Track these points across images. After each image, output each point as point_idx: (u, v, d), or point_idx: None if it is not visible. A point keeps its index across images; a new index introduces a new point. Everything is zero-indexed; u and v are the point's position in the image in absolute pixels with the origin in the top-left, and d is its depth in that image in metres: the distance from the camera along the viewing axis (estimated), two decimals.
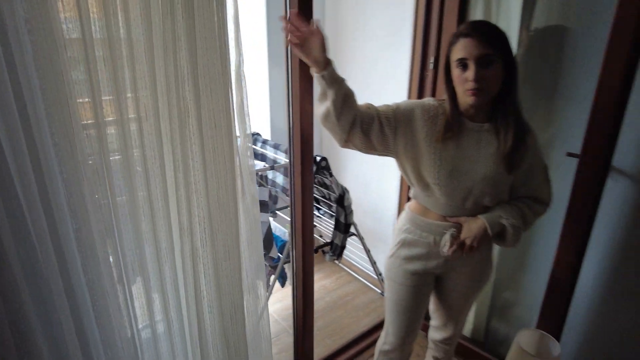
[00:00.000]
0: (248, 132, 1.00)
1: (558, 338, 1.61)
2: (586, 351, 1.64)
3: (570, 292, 1.56)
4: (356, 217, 2.25)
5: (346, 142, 1.21)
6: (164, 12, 0.79)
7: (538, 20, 1.57)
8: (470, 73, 1.10)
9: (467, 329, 1.96)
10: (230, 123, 0.91)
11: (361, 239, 2.24)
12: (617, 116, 1.30)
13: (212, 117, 0.88)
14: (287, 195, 2.07)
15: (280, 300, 2.36)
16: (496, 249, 1.84)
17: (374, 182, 2.45)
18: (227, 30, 0.89)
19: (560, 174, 1.59)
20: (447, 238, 1.25)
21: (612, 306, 1.54)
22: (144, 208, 0.88)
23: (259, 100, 2.41)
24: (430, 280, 1.41)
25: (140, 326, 0.94)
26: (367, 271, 2.62)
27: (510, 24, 1.56)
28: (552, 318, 1.58)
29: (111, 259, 0.87)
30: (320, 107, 1.17)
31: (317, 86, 1.16)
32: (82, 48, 0.74)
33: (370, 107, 1.22)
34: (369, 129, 1.19)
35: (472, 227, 1.22)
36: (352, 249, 2.67)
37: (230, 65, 0.90)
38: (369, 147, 1.22)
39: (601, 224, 1.49)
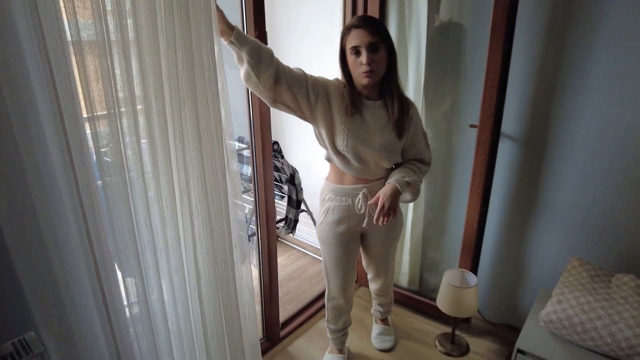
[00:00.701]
0: (228, 114, 1.22)
1: (475, 273, 2.02)
2: (495, 278, 2.06)
3: (481, 234, 1.96)
4: (304, 195, 2.52)
5: (275, 102, 1.38)
6: (166, 15, 1.00)
7: (442, 16, 1.96)
8: (363, 58, 1.35)
9: (405, 280, 2.33)
10: (217, 105, 1.13)
11: (310, 213, 2.51)
12: (501, 93, 1.71)
13: (205, 99, 1.09)
14: (249, 182, 2.27)
15: None
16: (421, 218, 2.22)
17: (317, 163, 2.72)
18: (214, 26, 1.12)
19: (466, 143, 1.99)
20: (360, 198, 1.55)
21: (510, 243, 1.97)
22: (152, 173, 1.08)
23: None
24: (356, 238, 1.68)
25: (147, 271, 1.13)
26: (315, 246, 2.90)
27: (420, 20, 1.91)
28: (469, 258, 1.98)
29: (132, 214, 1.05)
30: (242, 71, 1.29)
31: (233, 53, 1.27)
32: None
33: (299, 70, 1.41)
34: (298, 89, 1.38)
35: (386, 191, 1.46)
36: (301, 227, 2.93)
37: (215, 57, 1.12)
38: (297, 107, 1.42)
39: (498, 180, 1.91)
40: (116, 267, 1.08)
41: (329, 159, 1.58)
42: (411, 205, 2.18)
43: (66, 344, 1.04)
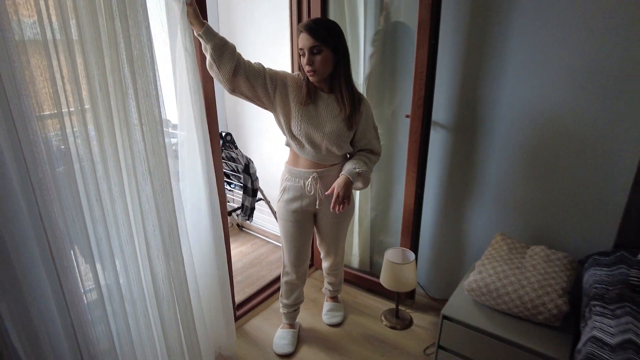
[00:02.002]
0: (161, 99, 1.35)
1: (416, 250, 2.20)
2: (436, 257, 2.25)
3: (418, 215, 2.14)
4: (262, 186, 2.65)
5: (234, 92, 1.57)
6: (107, 16, 1.12)
7: (377, 18, 2.12)
8: (305, 59, 1.54)
9: (356, 262, 2.50)
10: (157, 93, 1.26)
11: (268, 202, 2.65)
12: (429, 85, 1.88)
13: (144, 89, 1.22)
14: None
15: None
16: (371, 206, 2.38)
17: (275, 156, 2.87)
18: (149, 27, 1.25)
19: (403, 133, 2.16)
20: (310, 181, 1.72)
21: (447, 223, 2.16)
22: (101, 156, 1.20)
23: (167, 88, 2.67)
24: (309, 217, 1.85)
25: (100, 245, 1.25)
26: (277, 234, 3.04)
27: (359, 20, 2.07)
28: (408, 237, 2.15)
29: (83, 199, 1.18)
30: (207, 60, 1.50)
31: (202, 44, 1.48)
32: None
33: (259, 64, 1.60)
34: (256, 81, 1.56)
35: (340, 182, 1.64)
36: (263, 216, 3.07)
37: (153, 53, 1.25)
38: (255, 97, 1.61)
39: (434, 164, 2.09)
40: (66, 238, 1.20)
41: (288, 144, 1.75)
42: (359, 192, 2.34)
43: (17, 306, 1.15)
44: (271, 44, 2.58)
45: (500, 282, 1.64)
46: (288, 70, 2.38)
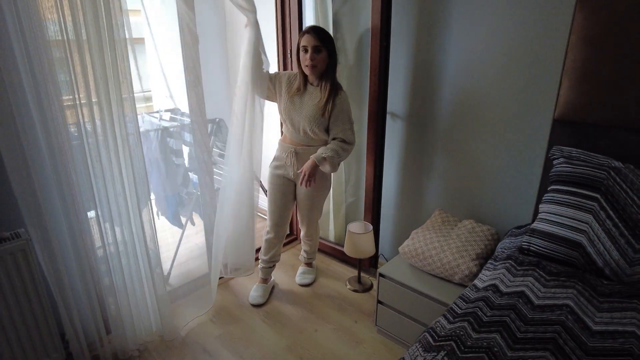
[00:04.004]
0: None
1: (378, 224, 2.51)
2: (396, 229, 2.55)
3: (378, 193, 2.45)
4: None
5: (267, 97, 2.17)
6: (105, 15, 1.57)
7: (342, 22, 2.45)
8: (308, 55, 1.96)
9: (332, 236, 2.85)
10: (129, 82, 1.71)
11: (260, 182, 3.06)
12: (383, 80, 2.20)
13: (125, 80, 1.67)
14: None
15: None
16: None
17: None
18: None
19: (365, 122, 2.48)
20: (287, 154, 2.14)
21: (405, 200, 2.45)
22: (101, 128, 1.66)
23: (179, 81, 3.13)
24: (289, 185, 2.25)
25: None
26: None
27: (329, 24, 2.42)
28: (369, 212, 2.47)
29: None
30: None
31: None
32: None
33: (272, 74, 2.15)
34: (271, 86, 2.14)
35: (308, 164, 2.03)
36: (263, 197, 3.47)
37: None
38: (273, 96, 2.18)
39: (390, 149, 2.40)
40: (76, 187, 1.66)
41: (281, 124, 2.24)
42: (333, 176, 2.68)
43: (42, 235, 1.62)
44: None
45: (427, 247, 1.93)
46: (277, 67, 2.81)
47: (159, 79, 2.90)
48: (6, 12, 1.39)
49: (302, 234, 2.52)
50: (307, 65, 1.98)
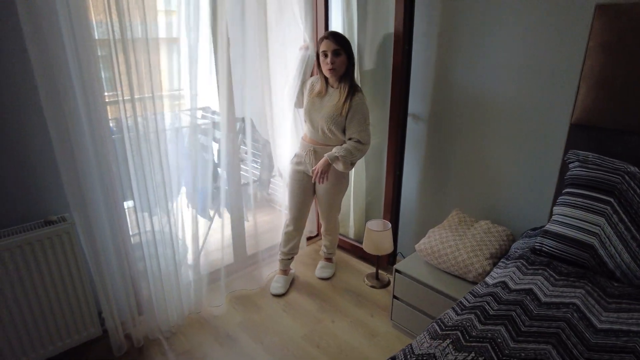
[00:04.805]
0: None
1: (397, 223, 2.58)
2: (416, 227, 2.61)
3: (398, 192, 2.52)
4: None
5: (298, 105, 2.40)
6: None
7: (369, 28, 2.53)
8: (328, 59, 2.08)
9: (352, 233, 2.93)
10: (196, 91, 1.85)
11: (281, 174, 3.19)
12: (404, 83, 2.26)
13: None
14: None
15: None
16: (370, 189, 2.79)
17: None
18: None
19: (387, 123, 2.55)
20: (306, 152, 2.24)
21: (424, 199, 2.51)
22: (143, 125, 1.82)
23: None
24: (308, 181, 2.36)
25: None
26: None
27: (354, 30, 2.51)
28: (389, 211, 2.54)
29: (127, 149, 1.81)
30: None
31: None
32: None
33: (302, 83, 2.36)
34: (302, 95, 2.34)
35: (321, 161, 2.17)
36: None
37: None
38: (300, 105, 2.38)
39: (411, 150, 2.46)
40: (116, 174, 1.82)
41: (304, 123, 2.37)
42: (354, 174, 2.77)
43: (85, 220, 1.78)
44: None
45: (442, 245, 1.99)
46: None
47: (192, 78, 3.07)
48: (60, 15, 1.55)
49: (322, 229, 2.62)
50: (328, 69, 2.10)
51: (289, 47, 2.44)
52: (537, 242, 1.67)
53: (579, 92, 1.69)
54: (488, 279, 1.56)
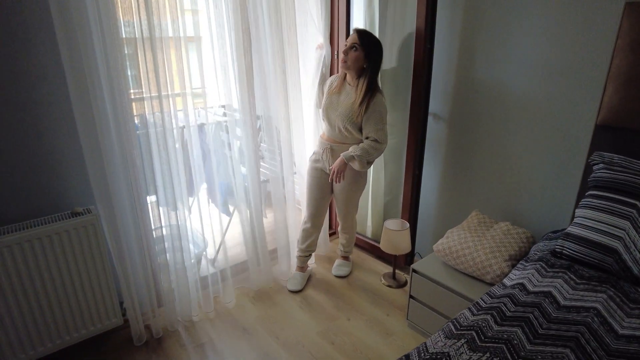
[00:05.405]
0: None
1: (415, 223, 2.56)
2: (434, 228, 2.59)
3: (417, 192, 2.50)
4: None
5: (317, 106, 2.45)
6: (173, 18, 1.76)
7: (393, 28, 2.52)
8: (343, 50, 2.09)
9: (369, 232, 2.92)
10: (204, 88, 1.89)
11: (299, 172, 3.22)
12: (426, 82, 2.25)
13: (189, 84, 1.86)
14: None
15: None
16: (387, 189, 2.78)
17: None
18: None
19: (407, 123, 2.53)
20: (324, 150, 2.26)
21: (443, 199, 2.49)
22: (171, 118, 1.86)
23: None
24: (326, 178, 2.37)
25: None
26: None
27: (374, 30, 2.51)
28: (407, 211, 2.53)
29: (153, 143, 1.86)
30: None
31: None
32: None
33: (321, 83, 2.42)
34: (321, 94, 2.37)
35: (337, 161, 2.21)
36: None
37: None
38: (320, 104, 2.36)
39: (431, 150, 2.44)
40: (140, 169, 1.87)
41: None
42: (373, 173, 2.76)
43: (109, 213, 1.84)
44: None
45: (461, 245, 1.97)
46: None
47: (214, 76, 3.13)
48: (90, 14, 1.61)
49: (339, 227, 2.62)
50: (340, 61, 2.13)
51: (307, 46, 2.47)
52: (557, 245, 1.63)
53: (605, 92, 1.65)
54: (506, 281, 1.54)
